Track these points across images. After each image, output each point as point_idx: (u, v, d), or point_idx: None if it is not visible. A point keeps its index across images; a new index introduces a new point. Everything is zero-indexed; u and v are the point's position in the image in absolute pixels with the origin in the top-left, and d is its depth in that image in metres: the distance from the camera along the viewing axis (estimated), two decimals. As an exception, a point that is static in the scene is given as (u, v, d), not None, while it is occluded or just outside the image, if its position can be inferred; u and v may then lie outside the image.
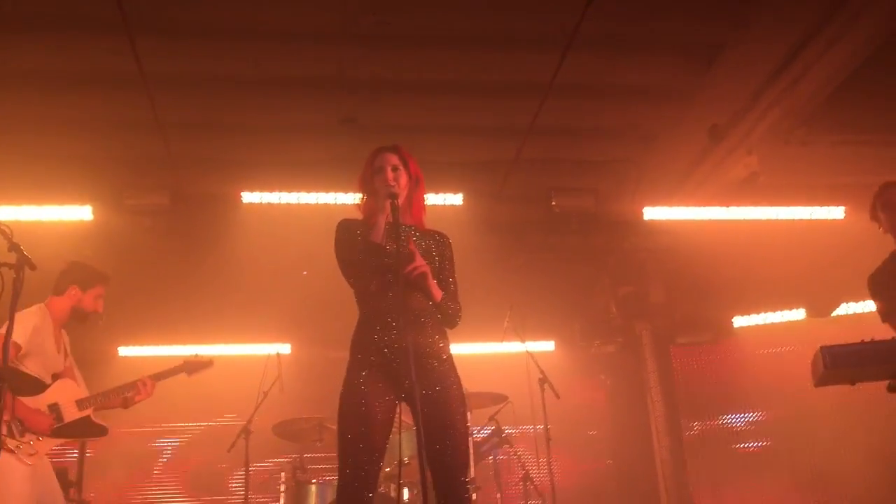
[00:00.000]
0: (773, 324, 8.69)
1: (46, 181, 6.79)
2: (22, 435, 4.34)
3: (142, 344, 8.36)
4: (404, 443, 4.99)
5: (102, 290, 4.91)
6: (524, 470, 6.37)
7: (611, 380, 9.15)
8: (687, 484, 8.34)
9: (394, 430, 3.28)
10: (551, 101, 6.32)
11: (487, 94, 6.62)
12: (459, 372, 3.40)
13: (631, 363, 8.83)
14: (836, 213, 7.37)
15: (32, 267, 3.08)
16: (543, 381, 6.27)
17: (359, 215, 3.56)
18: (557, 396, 6.21)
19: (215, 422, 8.31)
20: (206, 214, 7.29)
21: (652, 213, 7.38)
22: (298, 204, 6.93)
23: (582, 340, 8.82)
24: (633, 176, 7.75)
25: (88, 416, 4.69)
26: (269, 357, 5.65)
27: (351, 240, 3.38)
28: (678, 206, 7.42)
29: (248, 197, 6.92)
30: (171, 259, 7.51)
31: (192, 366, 5.30)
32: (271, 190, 6.92)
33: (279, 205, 6.94)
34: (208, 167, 7.31)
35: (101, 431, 4.80)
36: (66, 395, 4.65)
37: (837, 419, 7.79)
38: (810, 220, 7.43)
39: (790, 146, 6.77)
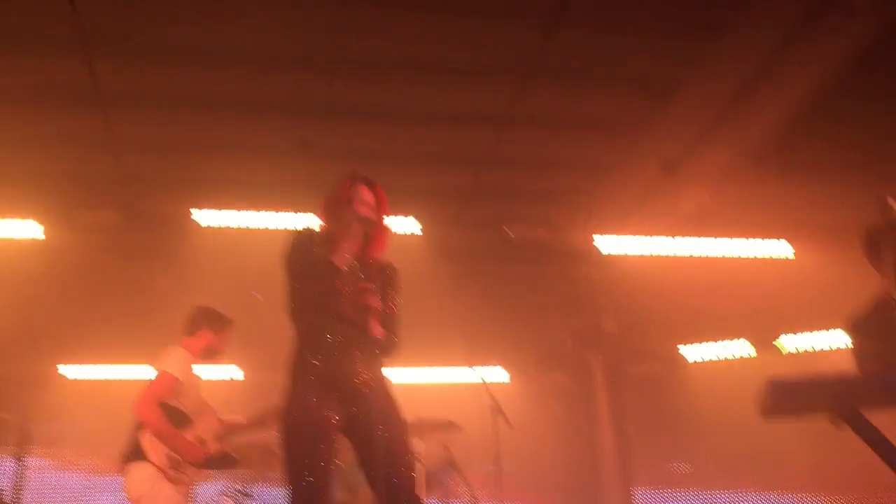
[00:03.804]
0: (721, 356, 8.83)
1: (-5, 197, 6.66)
2: (180, 467, 4.72)
3: (85, 363, 8.19)
4: (353, 471, 4.93)
5: (230, 331, 5.34)
6: (474, 498, 6.34)
7: (563, 409, 9.19)
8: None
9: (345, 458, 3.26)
10: (509, 131, 6.39)
11: (446, 122, 6.66)
12: (413, 400, 3.39)
13: (583, 392, 8.89)
14: (782, 248, 7.53)
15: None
16: (496, 409, 6.26)
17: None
18: (510, 425, 6.20)
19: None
20: (159, 233, 7.21)
21: (604, 244, 7.47)
22: (252, 225, 6.87)
23: (535, 369, 8.86)
24: (587, 207, 7.84)
25: (225, 450, 5.12)
26: (219, 383, 5.57)
27: (309, 252, 3.31)
28: (630, 237, 7.53)
29: (201, 217, 6.85)
30: (122, 278, 7.39)
31: None
32: (225, 210, 6.86)
33: (233, 225, 6.88)
34: (162, 186, 7.23)
35: (235, 463, 5.20)
36: (208, 428, 5.06)
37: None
38: (757, 256, 7.58)
39: (739, 182, 6.93)
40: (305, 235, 3.41)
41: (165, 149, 6.85)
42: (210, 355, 5.26)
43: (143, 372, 7.63)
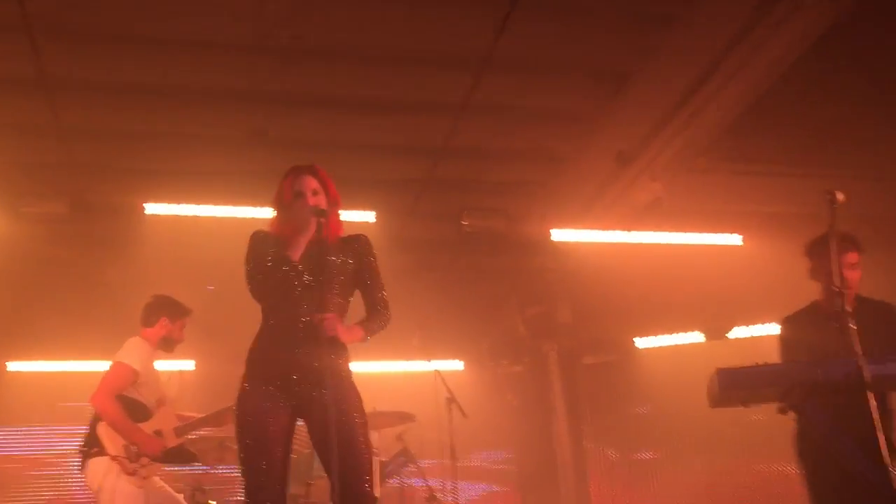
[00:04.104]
0: (673, 345, 8.94)
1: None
2: (138, 459, 4.73)
3: (34, 359, 8.01)
4: (307, 465, 4.93)
5: (187, 321, 5.31)
6: (429, 490, 6.35)
7: (518, 399, 9.24)
8: (589, 500, 8.51)
9: (301, 450, 3.27)
10: (464, 122, 6.38)
11: (401, 112, 6.63)
12: (367, 390, 3.40)
13: (538, 382, 8.95)
14: (733, 239, 7.65)
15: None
16: (451, 400, 6.30)
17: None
18: (465, 416, 6.23)
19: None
20: (108, 225, 7.06)
21: (560, 234, 7.51)
22: (205, 217, 6.76)
23: (490, 360, 8.90)
24: (543, 198, 7.88)
25: (183, 444, 5.06)
26: (170, 374, 5.50)
27: (264, 252, 3.33)
28: (585, 228, 7.57)
29: (153, 208, 6.72)
30: (69, 270, 7.24)
31: None
32: (177, 201, 6.74)
33: (185, 217, 6.76)
34: (111, 176, 7.08)
35: (193, 458, 5.20)
36: (167, 422, 5.02)
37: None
38: (709, 246, 7.68)
39: (692, 174, 7.02)
40: (259, 238, 3.43)
41: (115, 138, 6.70)
42: (168, 345, 5.24)
43: (95, 366, 7.51)
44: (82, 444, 4.85)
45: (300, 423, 3.37)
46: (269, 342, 3.34)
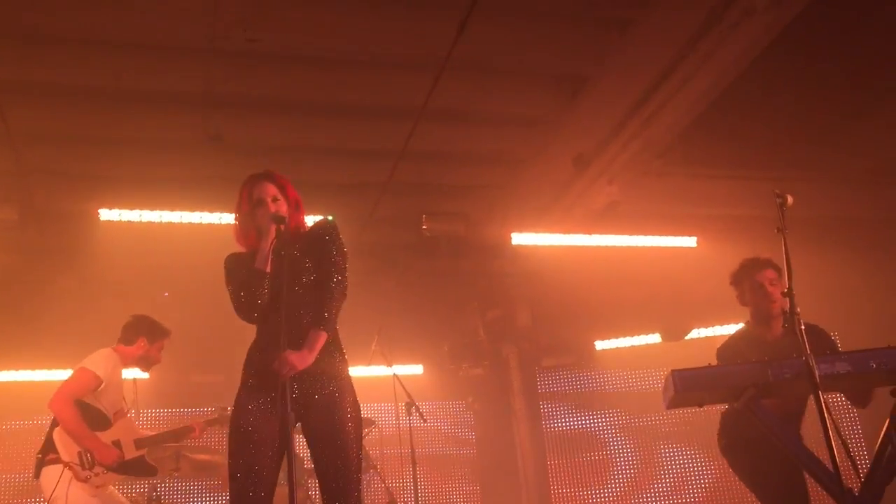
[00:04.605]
0: (631, 347, 9.03)
1: None
2: (91, 467, 4.69)
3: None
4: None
5: (165, 343, 5.31)
6: (390, 495, 6.34)
7: (478, 402, 9.26)
8: (550, 501, 8.55)
9: None
10: (423, 126, 6.36)
11: (359, 116, 6.61)
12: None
13: (498, 385, 8.97)
14: (688, 242, 7.74)
15: None
16: (410, 404, 6.29)
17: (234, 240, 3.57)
18: (424, 420, 6.23)
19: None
20: (60, 231, 6.93)
21: (519, 238, 7.54)
22: (160, 223, 6.65)
23: (450, 363, 8.89)
24: (502, 201, 7.91)
25: (143, 456, 5.05)
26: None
27: (242, 276, 3.35)
28: (544, 232, 7.61)
29: (107, 214, 6.60)
30: (19, 278, 7.07)
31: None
32: (132, 207, 6.63)
33: (140, 223, 6.64)
34: (63, 182, 6.94)
35: (152, 471, 5.18)
36: (127, 433, 5.03)
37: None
38: (665, 249, 7.77)
39: (648, 177, 7.10)
40: (232, 262, 3.47)
41: (68, 143, 6.59)
42: (145, 365, 5.28)
43: (48, 376, 7.34)
44: (39, 450, 4.80)
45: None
46: (259, 351, 3.36)
